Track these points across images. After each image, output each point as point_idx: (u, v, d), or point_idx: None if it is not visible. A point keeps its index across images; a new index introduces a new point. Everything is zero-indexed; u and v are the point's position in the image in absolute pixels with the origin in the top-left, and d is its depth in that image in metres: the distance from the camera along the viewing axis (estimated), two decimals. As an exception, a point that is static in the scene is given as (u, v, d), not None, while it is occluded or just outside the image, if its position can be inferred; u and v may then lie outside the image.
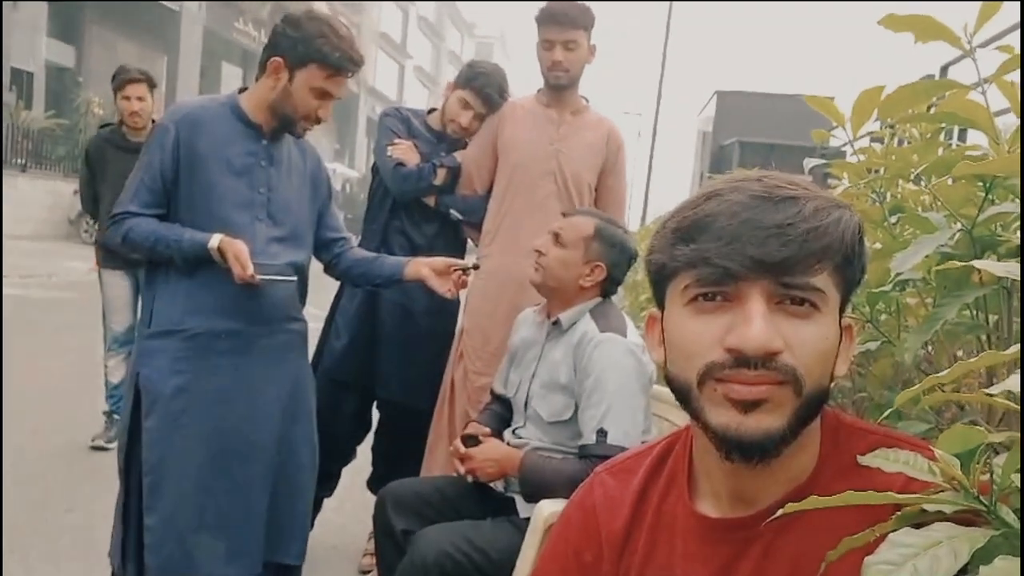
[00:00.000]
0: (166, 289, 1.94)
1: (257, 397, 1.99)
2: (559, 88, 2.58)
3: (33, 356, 5.32)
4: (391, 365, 2.68)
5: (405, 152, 2.67)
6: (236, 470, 1.96)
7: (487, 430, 2.00)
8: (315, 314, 2.24)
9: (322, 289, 2.52)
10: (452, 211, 2.69)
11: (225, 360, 1.94)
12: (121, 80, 3.72)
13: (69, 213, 14.03)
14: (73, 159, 15.19)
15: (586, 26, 2.49)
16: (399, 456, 2.70)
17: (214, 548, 1.94)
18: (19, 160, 13.82)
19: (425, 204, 2.70)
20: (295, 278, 2.03)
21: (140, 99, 3.71)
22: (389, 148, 2.67)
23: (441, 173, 2.65)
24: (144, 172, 1.90)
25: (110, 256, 3.77)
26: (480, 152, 2.68)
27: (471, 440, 1.91)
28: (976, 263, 0.69)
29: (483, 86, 2.64)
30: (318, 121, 1.97)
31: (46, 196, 13.97)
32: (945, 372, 0.55)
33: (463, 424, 2.47)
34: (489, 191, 2.67)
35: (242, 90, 2.03)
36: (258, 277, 1.85)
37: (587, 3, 2.54)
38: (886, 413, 0.86)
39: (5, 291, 6.96)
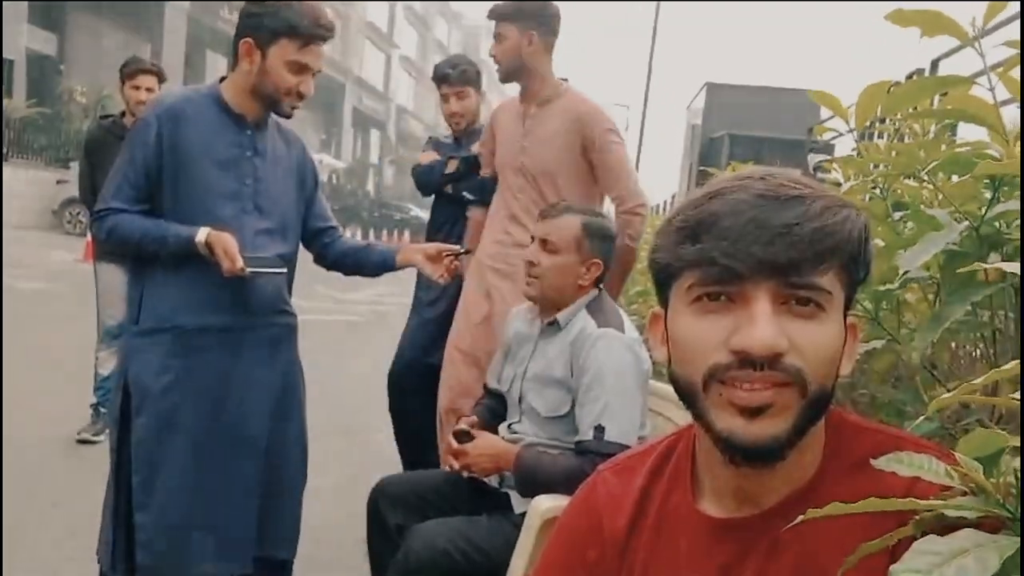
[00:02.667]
0: (154, 286, 1.92)
1: (247, 392, 1.97)
2: (502, 80, 2.75)
3: (17, 347, 5.26)
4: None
5: (425, 157, 3.27)
6: (227, 466, 1.94)
7: (476, 420, 1.98)
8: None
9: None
10: (464, 193, 3.05)
11: (215, 356, 1.92)
12: (133, 69, 3.75)
13: (52, 203, 13.89)
14: (55, 148, 15.05)
15: (512, 18, 2.59)
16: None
17: (205, 544, 1.92)
18: (0, 149, 13.66)
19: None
20: (284, 269, 2.01)
21: (149, 90, 3.74)
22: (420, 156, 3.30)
23: (452, 163, 3.07)
24: (127, 167, 1.87)
25: (106, 248, 3.74)
26: (485, 141, 2.96)
27: (464, 436, 1.89)
28: (988, 264, 0.68)
29: (433, 73, 3.19)
30: (301, 97, 1.92)
31: (28, 186, 13.83)
32: (980, 379, 0.54)
33: (445, 411, 2.55)
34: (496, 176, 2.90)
35: (223, 79, 1.99)
36: (247, 270, 1.83)
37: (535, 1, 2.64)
38: (917, 422, 0.85)
39: (-13, 282, 6.88)
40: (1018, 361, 0.53)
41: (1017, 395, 0.53)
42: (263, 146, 1.98)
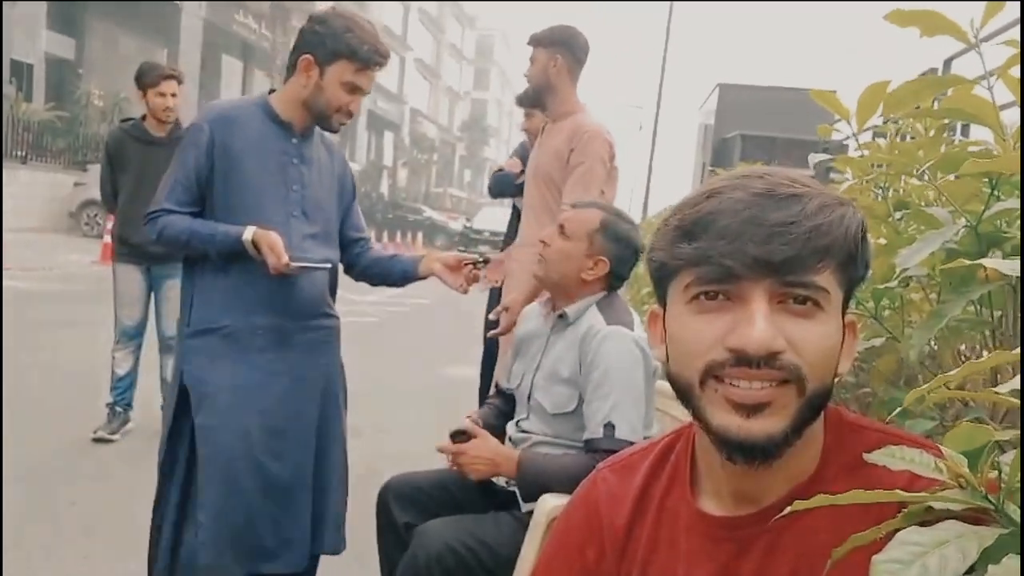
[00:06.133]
0: (203, 287, 1.98)
1: (296, 392, 2.02)
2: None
3: (34, 349, 5.33)
4: None
5: (510, 164, 3.76)
6: (282, 464, 1.99)
7: (475, 427, 1.96)
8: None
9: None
10: None
11: (263, 357, 1.97)
12: (157, 75, 3.84)
13: (70, 205, 14.02)
14: (73, 151, 15.20)
15: (542, 43, 2.92)
16: None
17: (266, 542, 1.96)
18: (19, 152, 13.82)
19: None
20: (329, 265, 2.07)
21: (174, 95, 3.84)
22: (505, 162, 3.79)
23: (521, 176, 3.41)
24: (179, 170, 1.95)
25: (124, 250, 3.84)
26: None
27: (460, 435, 1.86)
28: (983, 262, 0.68)
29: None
30: (350, 115, 2.01)
31: (47, 188, 13.97)
32: (954, 372, 0.54)
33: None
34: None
35: (271, 91, 2.08)
36: (293, 265, 1.88)
37: (562, 25, 2.99)
38: (895, 412, 0.85)
39: (6, 283, 6.96)
40: (994, 355, 0.53)
41: (1005, 389, 0.54)
42: (308, 154, 2.05)
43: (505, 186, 3.76)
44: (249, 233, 1.88)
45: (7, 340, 4.80)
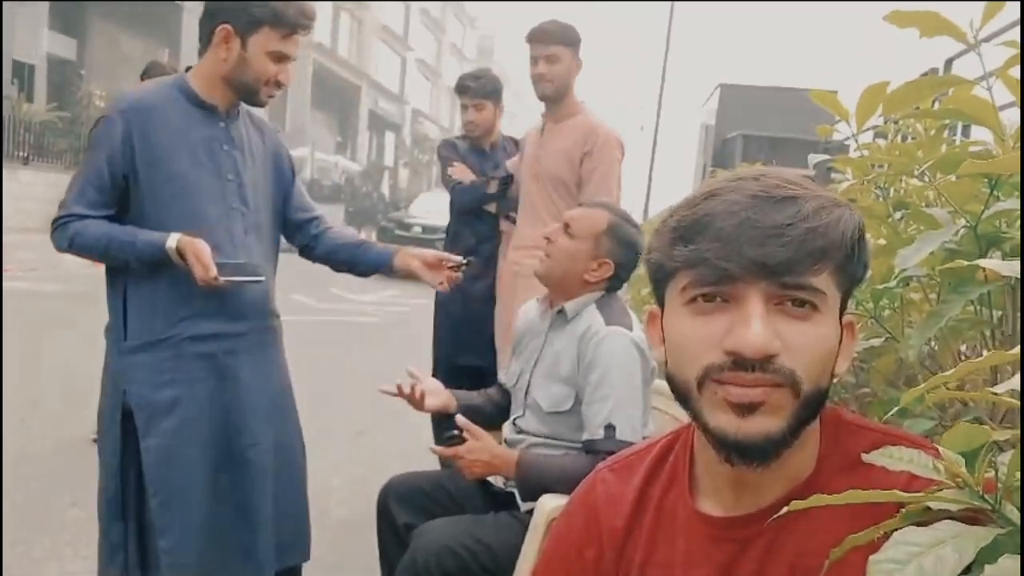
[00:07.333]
0: (138, 295, 1.79)
1: (248, 398, 1.89)
2: (545, 98, 2.94)
3: (35, 349, 5.33)
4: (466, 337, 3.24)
5: (460, 172, 3.29)
6: (240, 476, 1.88)
7: (473, 427, 1.88)
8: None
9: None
10: (510, 214, 3.22)
11: (213, 364, 1.84)
12: (154, 75, 3.81)
13: (71, 206, 14.03)
14: (75, 152, 15.19)
15: (566, 42, 2.82)
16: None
17: (230, 560, 1.88)
18: (21, 153, 13.82)
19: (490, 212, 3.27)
20: (263, 277, 1.89)
21: None
22: (449, 170, 3.31)
23: (492, 183, 3.24)
24: (89, 170, 1.74)
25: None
26: (517, 162, 3.20)
27: (454, 438, 1.82)
28: (981, 262, 0.69)
29: (456, 83, 3.31)
30: (279, 86, 1.84)
31: (48, 189, 13.95)
32: (951, 372, 0.55)
33: None
34: None
35: (188, 69, 1.88)
36: (221, 279, 1.71)
37: (570, 24, 2.91)
38: (891, 411, 0.86)
39: (7, 284, 6.97)
40: (991, 354, 0.53)
41: (1003, 388, 0.54)
42: (238, 137, 1.87)
43: (481, 198, 3.31)
44: (173, 240, 1.69)
45: (8, 341, 4.80)
